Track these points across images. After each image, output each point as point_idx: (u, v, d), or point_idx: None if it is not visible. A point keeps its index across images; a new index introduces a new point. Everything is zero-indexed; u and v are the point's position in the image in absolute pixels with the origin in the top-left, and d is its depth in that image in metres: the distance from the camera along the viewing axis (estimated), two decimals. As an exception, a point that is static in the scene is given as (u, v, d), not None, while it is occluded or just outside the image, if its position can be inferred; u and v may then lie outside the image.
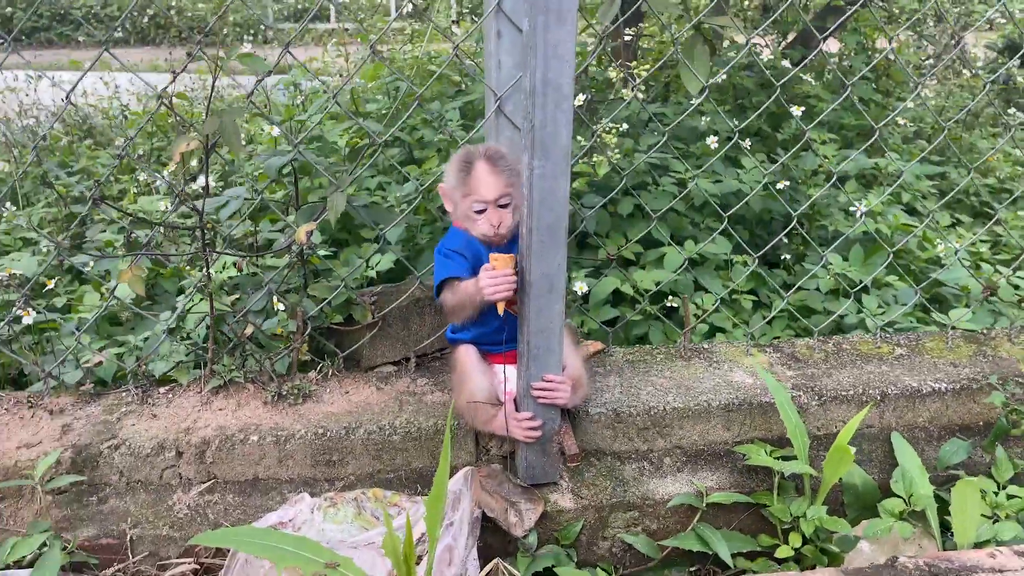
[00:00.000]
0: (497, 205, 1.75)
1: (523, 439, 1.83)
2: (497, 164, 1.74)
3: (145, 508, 1.81)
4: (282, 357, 2.05)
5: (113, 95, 5.57)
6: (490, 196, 1.74)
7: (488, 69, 1.93)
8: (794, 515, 1.89)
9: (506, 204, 1.75)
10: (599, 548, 1.92)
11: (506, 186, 1.74)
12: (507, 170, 1.75)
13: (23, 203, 3.71)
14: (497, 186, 1.74)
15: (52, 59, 9.37)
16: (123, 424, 1.90)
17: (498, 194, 1.74)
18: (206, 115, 1.78)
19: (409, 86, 4.44)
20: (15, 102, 5.40)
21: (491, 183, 1.74)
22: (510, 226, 1.75)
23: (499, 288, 1.67)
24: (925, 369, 2.18)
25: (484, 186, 1.74)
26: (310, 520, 1.77)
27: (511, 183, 1.75)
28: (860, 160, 3.51)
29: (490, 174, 1.74)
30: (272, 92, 5.44)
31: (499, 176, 1.74)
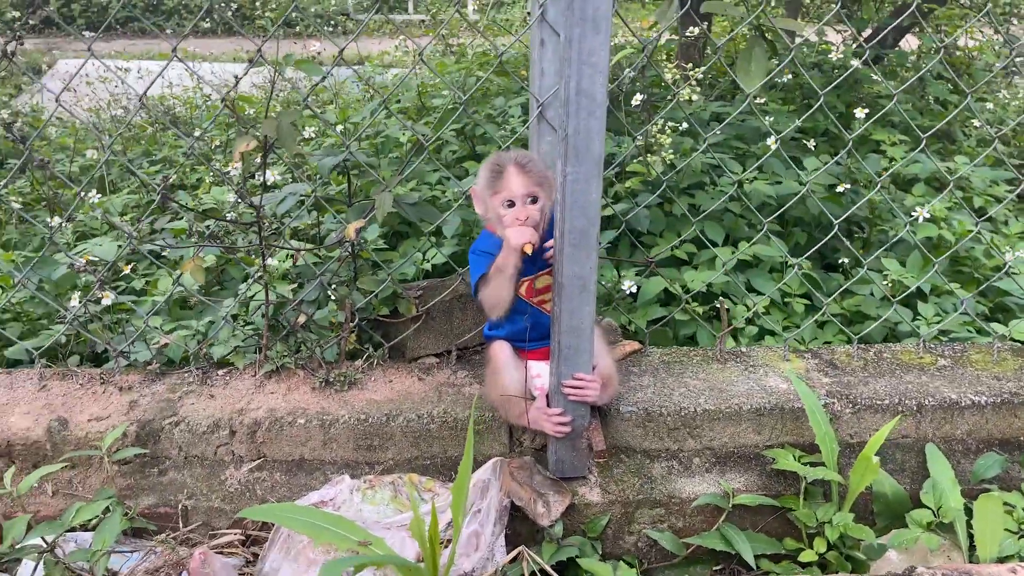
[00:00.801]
0: (526, 201, 1.83)
1: (553, 433, 1.91)
2: (526, 166, 1.85)
3: (200, 481, 1.96)
4: (331, 346, 2.16)
5: (196, 86, 5.81)
6: (519, 191, 1.83)
7: (532, 76, 2.00)
8: (820, 520, 1.91)
9: (535, 201, 1.84)
10: (625, 542, 1.98)
11: (534, 185, 1.83)
12: (535, 172, 1.84)
13: (109, 190, 3.95)
14: (526, 183, 1.83)
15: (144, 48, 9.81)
16: (184, 403, 2.05)
17: (526, 191, 1.83)
18: (266, 115, 1.90)
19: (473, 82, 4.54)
20: (105, 92, 5.71)
21: (520, 180, 1.83)
22: (536, 222, 1.83)
23: (523, 233, 1.77)
24: (967, 381, 2.16)
25: (513, 183, 1.83)
26: (349, 500, 1.88)
27: (540, 183, 1.84)
28: (928, 163, 3.43)
29: (519, 174, 1.84)
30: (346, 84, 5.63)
31: (527, 176, 1.84)
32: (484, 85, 4.52)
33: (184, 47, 8.48)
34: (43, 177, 3.50)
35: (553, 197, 1.86)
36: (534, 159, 1.87)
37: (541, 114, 1.98)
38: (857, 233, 3.41)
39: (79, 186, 3.89)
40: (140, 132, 5.05)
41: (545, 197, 1.84)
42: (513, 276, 1.82)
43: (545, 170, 1.86)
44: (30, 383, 2.14)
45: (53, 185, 3.63)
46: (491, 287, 1.87)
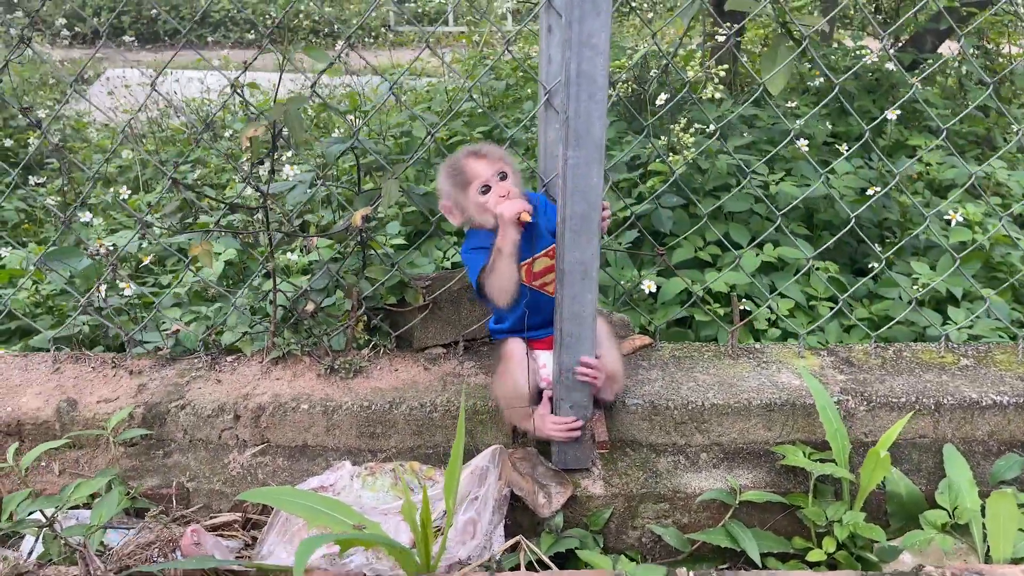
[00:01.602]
0: (500, 179, 1.84)
1: (563, 440, 1.89)
2: (479, 152, 1.87)
3: (203, 464, 1.97)
4: (338, 333, 2.16)
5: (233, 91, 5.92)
6: (487, 173, 1.84)
7: (541, 64, 1.98)
8: (830, 519, 1.85)
9: (504, 177, 1.85)
10: (628, 537, 1.94)
11: (496, 162, 1.85)
12: (493, 153, 1.87)
13: (144, 189, 4.04)
14: (489, 164, 1.85)
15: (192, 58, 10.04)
16: (191, 387, 2.07)
17: (493, 170, 1.84)
18: (274, 102, 1.92)
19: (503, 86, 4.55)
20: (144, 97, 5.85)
21: (481, 164, 1.85)
22: (517, 193, 1.84)
23: (515, 204, 1.77)
24: (989, 381, 2.08)
25: (478, 169, 1.85)
26: (349, 486, 1.88)
27: (500, 160, 1.86)
28: (964, 168, 3.34)
29: (477, 160, 1.85)
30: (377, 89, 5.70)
31: (486, 159, 1.85)
32: (514, 92, 4.54)
33: (227, 55, 8.67)
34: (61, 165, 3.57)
35: (516, 172, 1.89)
36: (483, 144, 1.91)
37: (548, 101, 1.97)
38: (889, 238, 3.33)
39: (114, 184, 3.99)
40: (176, 134, 5.16)
41: (512, 172, 1.87)
42: (514, 255, 1.80)
43: (499, 148, 1.90)
44: (44, 366, 2.17)
45: (77, 180, 3.71)
46: (495, 273, 1.85)
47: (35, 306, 2.69)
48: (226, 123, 5.24)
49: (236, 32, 12.21)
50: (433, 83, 5.32)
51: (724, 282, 2.61)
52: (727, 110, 3.68)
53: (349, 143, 2.03)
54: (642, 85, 3.61)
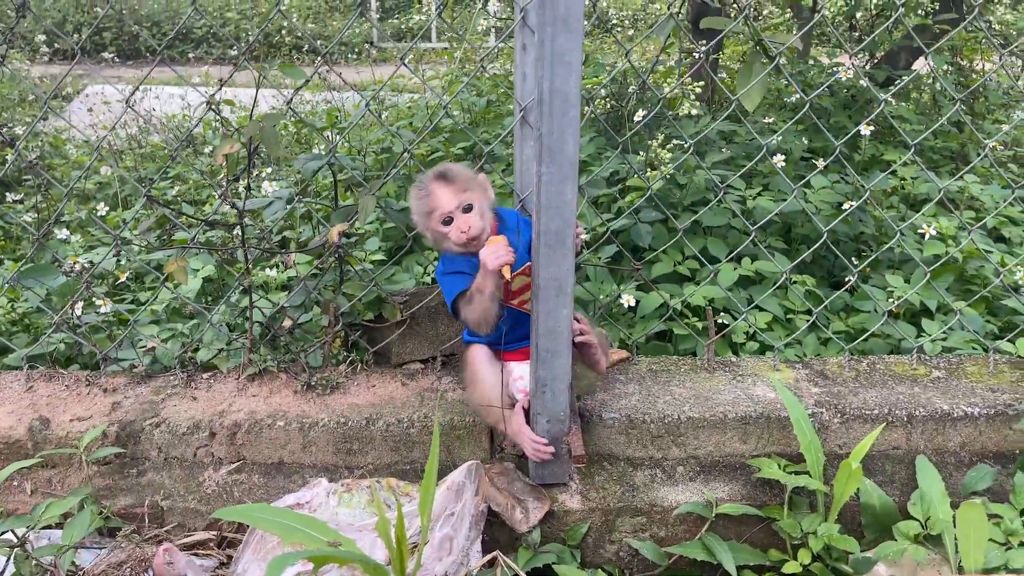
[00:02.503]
0: (463, 212, 1.81)
1: (533, 457, 1.89)
2: (447, 177, 1.83)
3: (178, 483, 1.95)
4: (315, 350, 2.16)
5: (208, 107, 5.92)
6: (449, 206, 1.81)
7: (516, 81, 2.00)
8: (805, 531, 1.87)
9: (469, 208, 1.82)
10: (606, 551, 1.94)
11: (461, 192, 1.81)
12: (459, 180, 1.83)
13: (122, 205, 4.02)
14: (453, 194, 1.81)
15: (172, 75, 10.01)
16: (166, 404, 2.05)
17: (456, 202, 1.81)
18: (250, 119, 1.92)
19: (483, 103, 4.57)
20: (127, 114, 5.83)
21: (446, 193, 1.81)
22: (480, 227, 1.81)
23: (499, 255, 1.74)
24: (960, 393, 2.11)
25: (441, 199, 1.82)
26: (325, 503, 1.87)
27: (467, 188, 1.82)
28: (938, 183, 3.40)
29: (443, 187, 1.82)
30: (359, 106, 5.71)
31: (451, 187, 1.82)
32: (495, 108, 4.56)
33: (207, 72, 8.65)
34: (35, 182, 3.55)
35: (486, 192, 1.87)
36: (453, 168, 1.86)
37: (523, 118, 1.99)
38: (864, 251, 3.37)
39: (92, 201, 3.97)
40: (156, 150, 5.14)
41: (478, 198, 1.83)
42: (495, 295, 1.80)
43: (465, 172, 1.86)
44: (17, 384, 2.16)
45: (55, 197, 3.69)
46: (474, 307, 1.84)
47: (11, 324, 2.67)
48: (206, 139, 5.23)
49: (218, 48, 12.19)
50: (415, 99, 5.35)
51: (702, 296, 2.62)
52: (704, 126, 3.72)
53: (326, 159, 2.04)
54: (620, 102, 3.65)
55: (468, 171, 1.88)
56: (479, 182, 1.88)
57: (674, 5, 3.19)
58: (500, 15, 4.46)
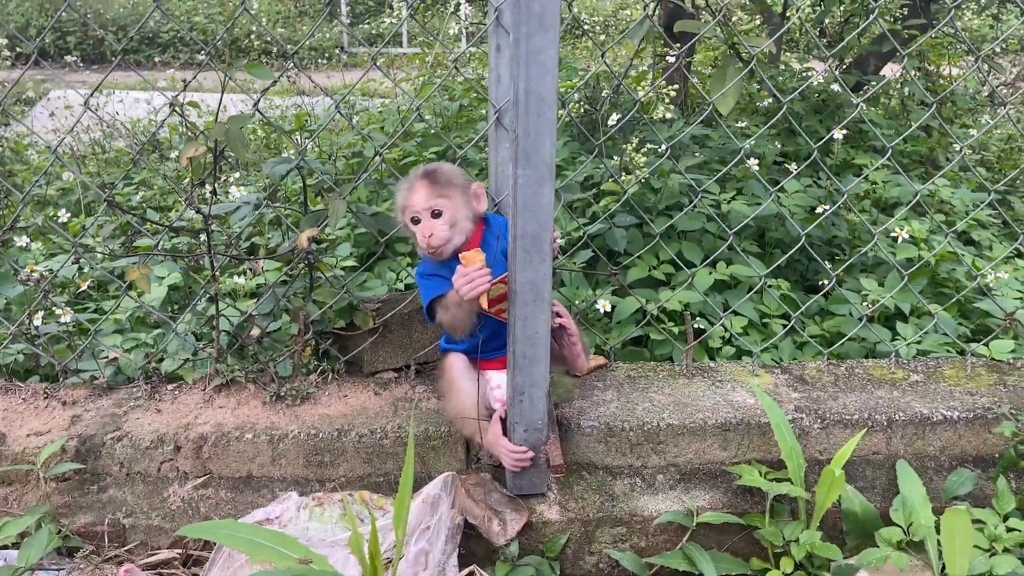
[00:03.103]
0: (431, 216, 1.77)
1: (510, 467, 1.84)
2: (430, 177, 1.79)
3: (141, 499, 1.88)
4: (285, 359, 2.10)
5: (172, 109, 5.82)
6: (420, 205, 1.77)
7: (490, 83, 1.96)
8: (787, 539, 1.84)
9: (438, 215, 1.78)
10: (585, 563, 1.90)
11: (436, 196, 1.77)
12: (440, 182, 1.79)
13: (86, 212, 3.91)
14: (427, 196, 1.78)
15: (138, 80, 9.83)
16: (128, 417, 1.98)
17: (427, 204, 1.77)
18: (215, 121, 1.86)
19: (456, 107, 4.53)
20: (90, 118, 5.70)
21: (421, 194, 1.78)
22: (443, 238, 1.77)
23: (474, 284, 1.69)
24: (939, 396, 2.09)
25: (415, 198, 1.79)
26: (295, 518, 1.81)
27: (444, 193, 1.78)
28: (909, 186, 3.41)
29: (421, 187, 1.79)
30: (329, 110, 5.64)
31: (430, 188, 1.78)
32: (467, 113, 4.52)
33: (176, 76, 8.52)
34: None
35: (471, 203, 1.82)
36: (442, 169, 1.83)
37: (498, 120, 1.95)
38: (838, 255, 3.37)
39: (54, 207, 3.86)
40: (120, 155, 5.03)
41: (454, 206, 1.79)
42: (471, 310, 1.77)
43: (454, 176, 1.82)
44: (-29, 398, 2.07)
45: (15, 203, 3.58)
46: (451, 316, 1.81)
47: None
48: (172, 144, 5.12)
49: (185, 53, 12.03)
50: (386, 103, 5.29)
51: (678, 300, 2.60)
52: (678, 130, 3.70)
53: (295, 163, 1.98)
54: (594, 106, 3.62)
55: (460, 176, 1.84)
56: (466, 189, 1.83)
57: (648, 8, 3.17)
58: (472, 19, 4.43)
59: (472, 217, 1.85)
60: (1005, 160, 4.71)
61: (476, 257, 1.72)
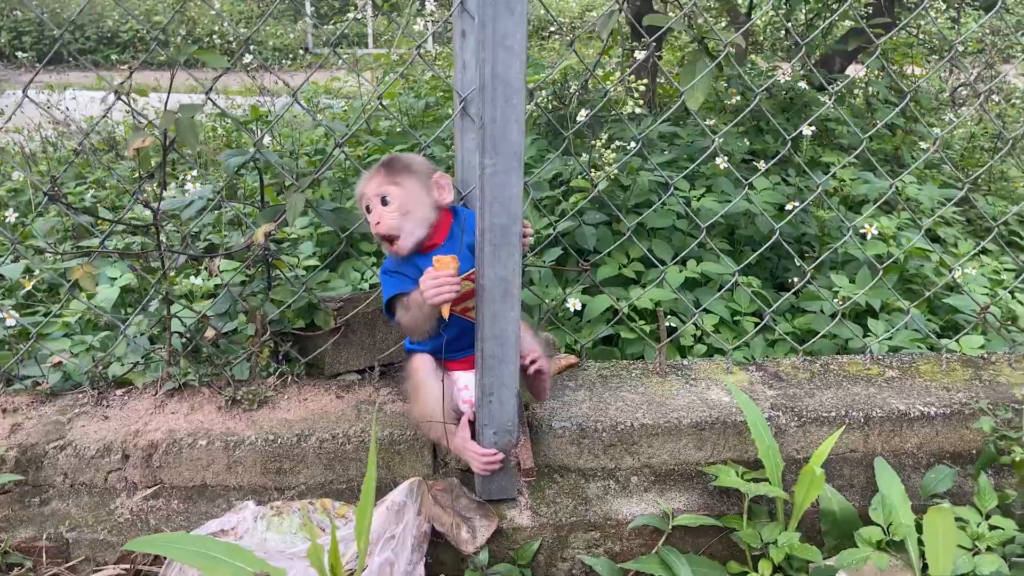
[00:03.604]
0: (380, 203, 1.70)
1: (480, 472, 1.76)
2: (389, 163, 1.73)
3: (86, 511, 1.77)
4: (240, 361, 2.00)
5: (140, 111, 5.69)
6: (369, 193, 1.71)
7: (455, 71, 1.88)
8: (765, 541, 1.78)
9: (387, 202, 1.70)
10: (557, 570, 1.83)
11: (387, 183, 1.70)
12: (398, 169, 1.71)
13: (37, 213, 3.76)
14: (378, 183, 1.70)
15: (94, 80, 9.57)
16: (74, 425, 1.86)
17: (376, 190, 1.70)
18: (164, 110, 1.76)
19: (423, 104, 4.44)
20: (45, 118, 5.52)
21: (376, 179, 1.71)
22: (391, 226, 1.69)
23: (441, 290, 1.60)
24: (916, 392, 2.06)
25: (368, 184, 1.72)
26: (253, 529, 1.71)
27: (396, 182, 1.70)
28: (876, 183, 3.40)
29: (378, 173, 1.72)
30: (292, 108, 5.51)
31: (384, 175, 1.71)
32: (434, 111, 4.43)
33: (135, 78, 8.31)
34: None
35: (430, 192, 1.75)
36: (404, 157, 1.76)
37: (464, 110, 1.87)
38: (808, 252, 3.35)
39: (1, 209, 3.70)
40: (72, 154, 4.86)
41: (405, 193, 1.70)
42: (432, 315, 1.69)
43: (414, 164, 1.75)
44: (-98, 406, 1.94)
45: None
46: (409, 318, 1.73)
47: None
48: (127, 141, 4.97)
49: (145, 52, 11.78)
50: (350, 103, 5.18)
51: (649, 298, 2.54)
52: (646, 126, 3.66)
53: (251, 155, 1.88)
54: (563, 102, 3.56)
55: (422, 164, 1.76)
56: (425, 178, 1.75)
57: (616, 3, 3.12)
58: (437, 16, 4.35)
59: (433, 207, 1.77)
60: (968, 158, 4.75)
61: (451, 263, 1.64)
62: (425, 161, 1.81)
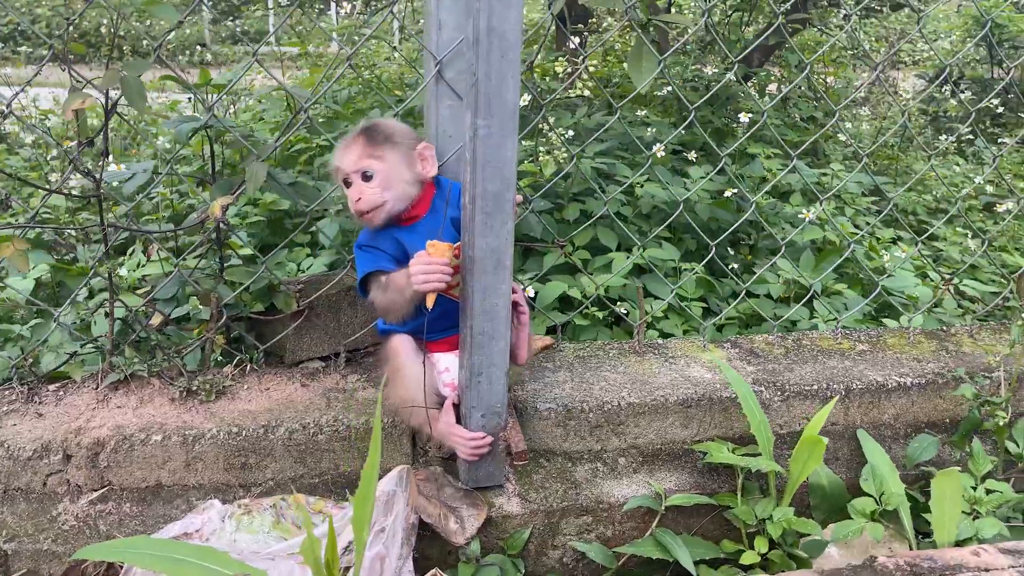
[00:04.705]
0: (361, 179, 1.59)
1: (467, 458, 1.65)
2: (368, 132, 1.60)
3: (24, 519, 1.56)
4: (193, 349, 1.82)
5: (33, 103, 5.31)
6: (349, 167, 1.59)
7: (428, 31, 1.76)
8: (760, 517, 1.74)
9: (369, 177, 1.59)
10: (549, 558, 1.73)
11: (368, 156, 1.58)
12: (379, 141, 1.60)
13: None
14: (358, 155, 1.58)
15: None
16: (3, 424, 1.65)
17: (357, 165, 1.58)
18: (107, 67, 1.57)
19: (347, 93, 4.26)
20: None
21: (355, 150, 1.59)
22: (373, 203, 1.58)
23: (430, 278, 1.48)
24: (889, 364, 2.07)
25: (346, 156, 1.60)
26: (220, 529, 1.54)
27: (378, 155, 1.58)
28: (804, 173, 3.47)
29: (356, 145, 1.59)
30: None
31: (364, 146, 1.59)
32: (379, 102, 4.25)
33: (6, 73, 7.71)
34: None
35: (414, 164, 1.63)
36: (382, 125, 1.64)
37: (439, 74, 1.75)
38: (743, 240, 3.38)
39: None
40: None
41: (388, 168, 1.59)
42: (415, 300, 1.56)
43: (396, 134, 1.62)
44: None
45: None
46: (387, 299, 1.61)
47: None
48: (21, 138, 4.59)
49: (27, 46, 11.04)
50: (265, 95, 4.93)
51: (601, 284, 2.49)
52: (582, 116, 3.62)
53: (203, 121, 1.71)
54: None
55: (405, 134, 1.64)
56: (408, 149, 1.63)
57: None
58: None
59: (415, 181, 1.65)
60: (879, 152, 4.94)
61: (446, 251, 1.52)
62: (407, 129, 1.68)
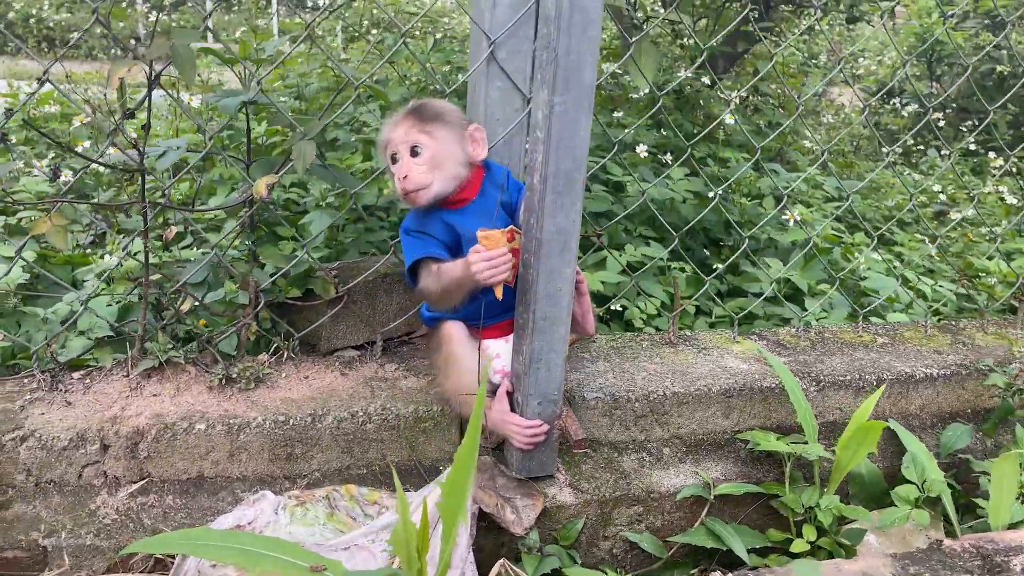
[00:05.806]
0: (409, 154, 1.55)
1: (522, 447, 1.61)
2: (417, 110, 1.57)
3: (60, 513, 1.45)
4: (229, 335, 1.73)
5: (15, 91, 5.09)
6: (397, 141, 1.55)
7: (479, 9, 1.73)
8: (806, 505, 1.74)
9: (417, 153, 1.56)
10: (599, 549, 1.70)
11: (418, 132, 1.55)
12: (428, 116, 1.56)
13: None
14: (407, 130, 1.55)
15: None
16: (30, 413, 1.54)
17: (405, 139, 1.55)
18: (152, 35, 1.49)
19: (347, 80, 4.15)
20: None
21: (404, 126, 1.56)
22: (420, 182, 1.54)
23: (498, 271, 1.46)
24: (912, 356, 2.11)
25: (395, 131, 1.56)
26: (274, 521, 1.47)
27: (428, 131, 1.55)
28: (782, 175, 3.55)
29: (405, 119, 1.57)
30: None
31: (414, 122, 1.56)
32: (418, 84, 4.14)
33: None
34: None
35: (464, 145, 1.60)
36: (432, 103, 1.61)
37: (492, 55, 1.72)
38: (724, 240, 3.43)
39: None
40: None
41: (437, 145, 1.56)
42: (473, 290, 1.53)
43: (446, 113, 1.59)
44: None
45: None
46: (440, 288, 1.57)
47: None
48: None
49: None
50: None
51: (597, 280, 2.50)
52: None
53: (251, 94, 1.64)
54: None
55: (455, 114, 1.60)
56: (459, 129, 1.59)
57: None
58: None
59: (465, 162, 1.61)
60: (836, 160, 5.10)
61: (501, 239, 1.48)
62: (457, 110, 1.65)
